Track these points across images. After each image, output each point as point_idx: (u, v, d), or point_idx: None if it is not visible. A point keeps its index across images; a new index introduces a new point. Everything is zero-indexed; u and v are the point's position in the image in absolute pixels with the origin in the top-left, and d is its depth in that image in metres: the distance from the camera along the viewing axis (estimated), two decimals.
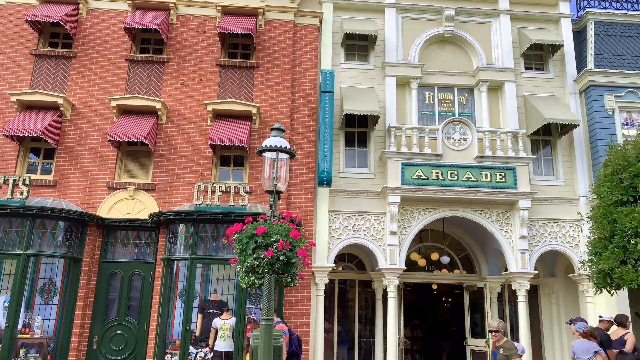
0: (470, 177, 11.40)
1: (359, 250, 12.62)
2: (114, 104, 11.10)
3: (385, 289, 11.22)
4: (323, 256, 11.06)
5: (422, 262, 13.08)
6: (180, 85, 11.67)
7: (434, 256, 13.06)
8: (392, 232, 11.17)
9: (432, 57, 12.83)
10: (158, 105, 11.11)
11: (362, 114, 11.30)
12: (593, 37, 13.31)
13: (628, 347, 8.06)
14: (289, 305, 10.59)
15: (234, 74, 11.85)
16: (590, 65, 12.79)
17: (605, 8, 13.77)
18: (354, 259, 13.11)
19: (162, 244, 10.63)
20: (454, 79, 12.77)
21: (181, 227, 10.34)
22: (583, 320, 7.53)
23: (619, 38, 13.51)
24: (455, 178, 11.37)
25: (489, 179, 11.48)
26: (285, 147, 6.53)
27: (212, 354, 9.76)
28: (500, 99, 12.66)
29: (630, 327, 8.26)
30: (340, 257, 12.67)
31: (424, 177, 11.33)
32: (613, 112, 12.47)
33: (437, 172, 11.37)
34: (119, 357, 10.23)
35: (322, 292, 11.00)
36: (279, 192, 6.50)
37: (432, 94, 12.80)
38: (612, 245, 7.02)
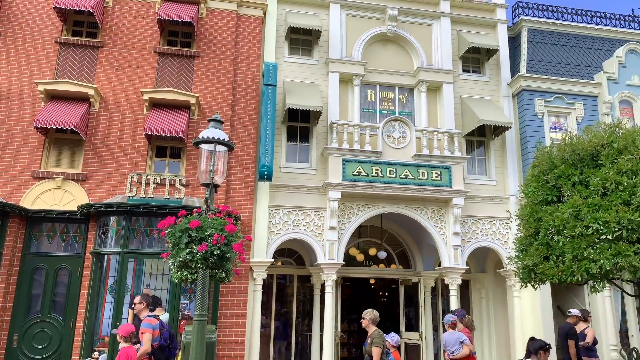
0: (408, 175, 11.65)
1: (298, 245, 12.61)
2: (41, 88, 10.44)
3: (324, 283, 11.28)
4: (262, 251, 10.96)
5: (360, 257, 13.25)
6: (116, 71, 11.15)
7: (372, 251, 13.27)
8: (332, 228, 11.24)
9: (375, 56, 12.99)
10: (90, 92, 10.56)
11: (304, 109, 11.27)
12: (526, 43, 13.95)
13: (588, 339, 8.63)
14: (225, 301, 10.42)
15: (173, 63, 11.47)
16: (523, 70, 13.40)
17: (539, 17, 14.46)
18: (293, 254, 13.09)
19: (92, 238, 10.15)
20: (396, 78, 12.99)
21: (112, 219, 9.90)
22: (462, 311, 7.99)
23: (551, 46, 14.24)
24: (394, 175, 11.58)
25: (425, 177, 11.77)
26: (223, 139, 6.38)
27: None
28: (439, 100, 13.01)
29: (591, 321, 8.88)
30: (280, 252, 12.60)
31: (364, 173, 11.46)
32: (542, 116, 13.14)
33: (377, 169, 11.53)
34: (42, 356, 9.69)
35: (259, 288, 10.90)
36: (215, 186, 6.36)
37: (374, 92, 12.96)
38: (536, 242, 7.38)
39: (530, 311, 11.81)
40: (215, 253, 5.70)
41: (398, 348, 12.92)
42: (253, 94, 11.76)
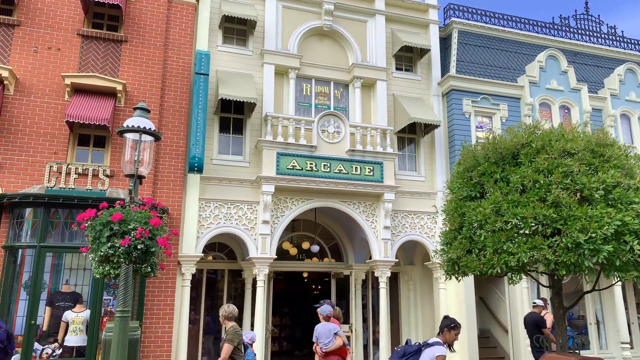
0: (342, 170, 11.76)
1: (230, 239, 12.39)
2: None
3: (256, 278, 11.15)
4: (191, 245, 10.66)
5: (293, 251, 13.24)
6: (34, 53, 10.39)
7: (305, 245, 13.31)
8: (265, 222, 11.14)
9: (311, 50, 12.97)
10: (4, 74, 9.77)
11: (238, 100, 11.05)
12: (456, 45, 14.46)
13: (549, 324, 9.39)
14: (151, 297, 10.05)
15: (98, 47, 10.85)
16: (452, 70, 13.88)
17: (469, 20, 15.03)
18: (224, 248, 12.85)
19: (5, 230, 9.43)
20: (331, 73, 13.04)
21: (28, 211, 9.26)
22: (329, 304, 7.88)
23: (479, 48, 14.85)
24: (328, 170, 11.64)
25: (359, 172, 11.93)
26: (149, 128, 6.10)
27: (61, 349, 8.94)
28: (373, 96, 13.22)
29: (550, 307, 9.63)
30: (211, 247, 12.34)
31: (298, 167, 11.43)
32: (470, 116, 13.69)
33: (311, 164, 11.54)
34: None
35: (188, 283, 10.61)
36: (140, 177, 6.07)
37: (309, 85, 12.95)
38: (460, 236, 7.66)
39: (455, 302, 12.31)
40: (138, 247, 5.46)
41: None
42: (184, 82, 11.39)
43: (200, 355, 12.00)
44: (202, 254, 10.89)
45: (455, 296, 12.29)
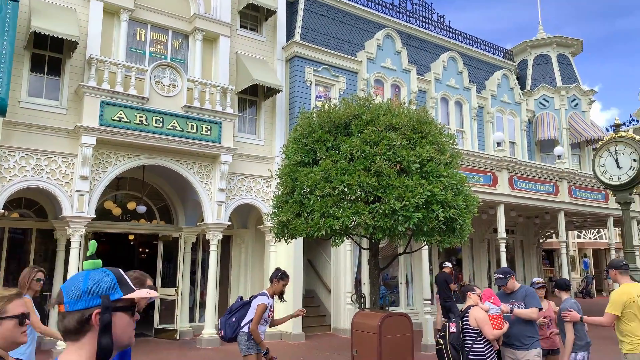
0: (176, 126, 11.08)
1: (40, 195, 10.95)
2: None
3: (70, 239, 10.04)
4: None
5: (117, 211, 12.25)
6: None
7: (131, 205, 12.39)
8: (83, 177, 10.02)
9: None
10: None
11: (56, 35, 9.60)
12: (303, 11, 14.48)
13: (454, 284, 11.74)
14: None
15: None
16: (297, 37, 13.90)
17: None
18: (34, 204, 11.33)
19: None
20: (170, 20, 12.09)
21: None
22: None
23: (325, 18, 15.08)
24: (161, 125, 10.87)
25: (195, 131, 11.38)
26: None
27: None
28: (214, 52, 12.63)
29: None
30: (16, 203, 10.78)
31: (126, 120, 10.45)
32: (311, 84, 13.93)
33: (141, 117, 10.64)
34: None
35: None
36: None
37: (144, 31, 11.84)
38: (291, 200, 7.75)
39: (284, 264, 12.62)
40: None
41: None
42: None
43: None
44: (3, 211, 9.42)
45: (285, 258, 12.62)
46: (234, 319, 5.99)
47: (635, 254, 9.64)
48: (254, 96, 13.35)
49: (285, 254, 12.57)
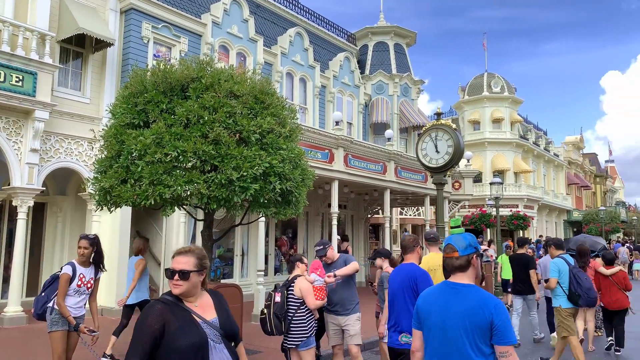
0: None
1: None
2: None
3: None
4: None
5: None
6: None
7: None
8: None
9: None
10: None
11: None
12: None
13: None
14: None
15: None
16: None
17: None
18: None
19: None
20: None
21: None
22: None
23: None
24: None
25: (2, 80, 9.71)
26: None
27: None
28: None
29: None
30: None
31: None
32: (148, 42, 12.81)
33: None
34: None
35: None
36: None
37: None
38: (117, 165, 7.05)
39: (109, 235, 11.63)
40: None
41: None
42: None
43: None
44: None
45: (110, 229, 11.60)
46: (43, 294, 5.50)
47: (444, 229, 10.85)
48: (80, 47, 11.84)
49: (111, 225, 11.55)
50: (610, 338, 8.76)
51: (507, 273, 12.20)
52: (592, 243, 11.04)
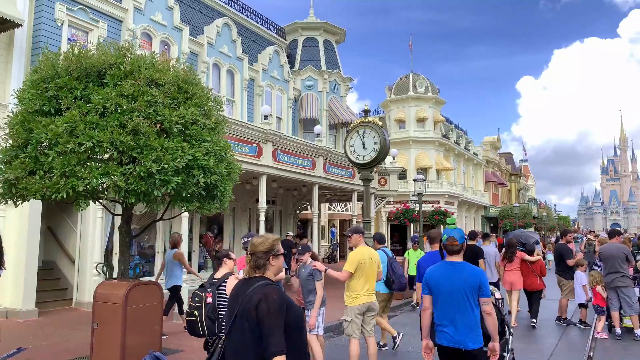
0: None
1: None
2: None
3: None
4: None
5: None
6: None
7: None
8: None
9: None
10: None
11: None
12: None
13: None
14: None
15: None
16: None
17: None
18: None
19: None
20: None
21: None
22: None
23: None
24: None
25: None
26: None
27: None
28: None
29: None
30: None
31: None
32: (62, 24, 11.98)
33: None
34: None
35: None
36: None
37: None
38: (24, 155, 6.51)
39: (16, 231, 10.73)
40: None
41: None
42: None
43: None
44: None
45: (17, 225, 10.71)
46: None
47: (371, 223, 11.05)
48: None
49: (18, 220, 10.68)
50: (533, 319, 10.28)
51: (413, 269, 11.96)
52: (526, 236, 11.87)
